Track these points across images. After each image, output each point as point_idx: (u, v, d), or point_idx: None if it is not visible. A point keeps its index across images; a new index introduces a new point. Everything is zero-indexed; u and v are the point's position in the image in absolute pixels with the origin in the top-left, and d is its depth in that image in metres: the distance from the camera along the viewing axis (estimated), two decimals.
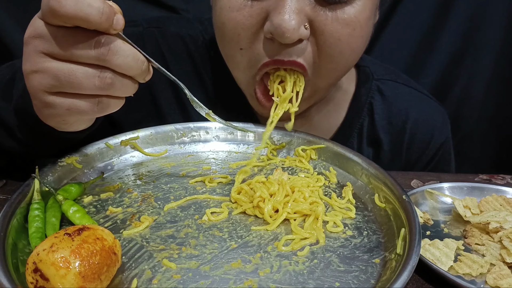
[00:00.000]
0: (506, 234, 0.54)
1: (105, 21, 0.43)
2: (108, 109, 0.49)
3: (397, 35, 1.22)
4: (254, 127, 0.73)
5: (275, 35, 0.59)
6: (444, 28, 1.21)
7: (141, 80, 0.50)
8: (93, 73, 0.46)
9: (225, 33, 0.64)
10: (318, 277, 0.47)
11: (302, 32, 0.60)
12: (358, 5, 0.61)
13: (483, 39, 1.21)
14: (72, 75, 0.45)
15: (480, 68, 1.25)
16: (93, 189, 0.60)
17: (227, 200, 0.60)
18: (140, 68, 0.48)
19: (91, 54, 0.45)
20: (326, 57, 0.63)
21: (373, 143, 0.87)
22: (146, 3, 1.18)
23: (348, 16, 0.60)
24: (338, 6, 0.60)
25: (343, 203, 0.60)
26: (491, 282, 0.49)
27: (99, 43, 0.45)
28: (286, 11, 0.57)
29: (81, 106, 0.47)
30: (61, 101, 0.47)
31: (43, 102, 0.48)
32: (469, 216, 0.60)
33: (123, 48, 0.46)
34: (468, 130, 1.31)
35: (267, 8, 0.60)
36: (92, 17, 0.43)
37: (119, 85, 0.47)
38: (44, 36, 0.45)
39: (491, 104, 1.29)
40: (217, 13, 0.65)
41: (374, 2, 0.64)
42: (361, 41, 0.65)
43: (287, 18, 0.57)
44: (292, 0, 0.58)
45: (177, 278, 0.46)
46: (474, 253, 0.54)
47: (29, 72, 0.47)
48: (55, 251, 0.39)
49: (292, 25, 0.57)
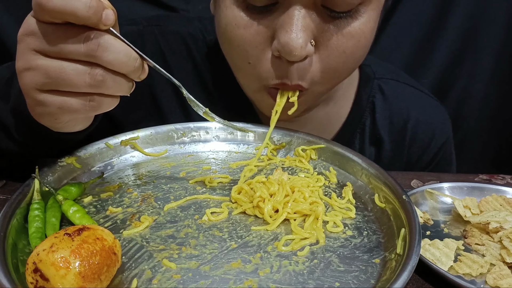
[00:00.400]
0: (506, 234, 0.54)
1: (92, 15, 0.43)
2: (101, 108, 0.49)
3: (397, 35, 1.22)
4: (254, 127, 0.73)
5: (282, 54, 0.59)
6: (444, 28, 1.21)
7: (136, 78, 0.49)
8: (83, 70, 0.45)
9: (232, 48, 0.64)
10: (318, 277, 0.47)
11: (309, 49, 0.60)
12: (364, 18, 0.61)
13: (483, 39, 1.21)
14: (63, 72, 0.45)
15: (480, 68, 1.25)
16: (93, 189, 0.60)
17: (227, 200, 0.60)
18: (133, 65, 0.47)
19: (80, 50, 0.44)
20: (330, 69, 0.63)
21: (375, 143, 0.87)
22: (146, 3, 1.18)
23: (353, 29, 0.60)
24: (343, 21, 0.60)
25: (343, 203, 0.60)
26: (491, 282, 0.49)
27: (89, 38, 0.44)
28: (293, 29, 0.57)
29: (73, 104, 0.47)
30: (52, 99, 0.47)
31: (35, 100, 0.47)
32: (469, 216, 0.60)
33: (114, 44, 0.45)
34: (468, 130, 1.31)
35: (273, 26, 0.60)
36: (79, 11, 0.42)
37: (111, 82, 0.46)
38: (36, 34, 0.45)
39: (491, 104, 1.29)
40: (222, 29, 0.64)
41: (378, 12, 0.64)
42: (365, 49, 0.65)
43: (294, 36, 0.57)
44: (298, 18, 0.57)
45: (177, 278, 0.46)
46: (474, 253, 0.54)
47: (21, 70, 0.47)
48: (55, 251, 0.39)
49: (299, 44, 0.57)
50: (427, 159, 0.89)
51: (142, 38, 0.81)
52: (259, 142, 0.74)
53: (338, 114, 0.85)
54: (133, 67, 0.47)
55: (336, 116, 0.85)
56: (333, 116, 0.85)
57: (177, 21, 0.86)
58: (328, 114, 0.84)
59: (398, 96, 0.86)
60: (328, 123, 0.85)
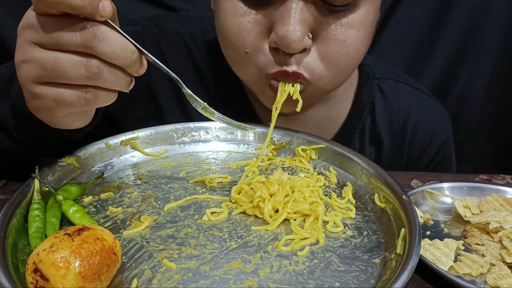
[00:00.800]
0: (506, 234, 0.54)
1: (87, 5, 0.43)
2: (97, 102, 0.48)
3: (397, 35, 1.22)
4: (253, 126, 0.73)
5: (280, 46, 0.60)
6: (444, 28, 1.21)
7: (133, 72, 0.48)
8: (79, 61, 0.45)
9: (229, 38, 0.64)
10: (318, 277, 0.47)
11: (307, 42, 0.60)
12: (362, 10, 0.61)
13: (483, 39, 1.21)
14: (58, 63, 0.44)
15: (480, 68, 1.25)
16: (93, 189, 0.60)
17: (227, 200, 0.60)
18: (130, 58, 0.46)
19: (76, 41, 0.44)
20: (331, 60, 0.63)
21: (375, 142, 0.87)
22: (146, 3, 1.18)
23: (352, 20, 0.61)
24: (341, 14, 0.60)
25: (343, 203, 0.60)
26: (491, 282, 0.49)
27: (85, 28, 0.44)
28: (291, 22, 0.58)
29: (68, 97, 0.46)
30: (48, 92, 0.46)
31: (32, 93, 0.47)
32: (469, 216, 0.60)
33: (110, 36, 0.45)
34: (468, 130, 1.31)
35: (271, 18, 0.60)
36: (74, 1, 0.42)
37: (108, 75, 0.46)
38: (34, 26, 0.45)
39: (491, 104, 1.29)
40: (220, 18, 0.65)
41: (376, 6, 0.64)
42: (366, 41, 0.65)
43: (292, 29, 0.57)
44: (296, 11, 0.58)
45: (177, 278, 0.46)
46: (474, 253, 0.54)
47: (19, 63, 0.47)
48: (55, 251, 0.39)
49: (297, 36, 0.58)
50: (427, 158, 0.89)
51: (142, 38, 0.81)
52: (259, 142, 0.74)
53: (338, 114, 0.85)
54: (130, 60, 0.46)
55: (336, 116, 0.85)
56: (333, 116, 0.85)
57: (177, 21, 0.87)
58: (328, 114, 0.84)
59: (397, 96, 0.86)
60: (328, 122, 0.85)
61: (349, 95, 0.86)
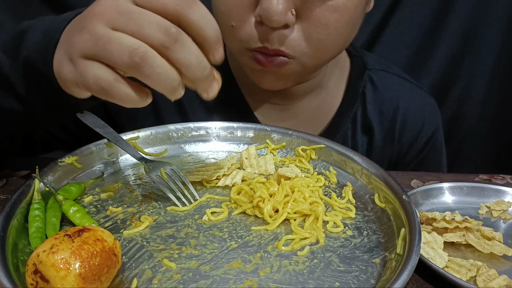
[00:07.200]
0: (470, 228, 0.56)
1: None
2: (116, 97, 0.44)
3: (397, 35, 1.21)
4: (253, 125, 0.73)
5: (263, 18, 0.62)
6: (444, 28, 1.21)
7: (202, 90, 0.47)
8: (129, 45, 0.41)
9: (217, 9, 0.68)
10: (318, 277, 0.47)
11: (289, 17, 0.63)
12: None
13: (483, 39, 1.21)
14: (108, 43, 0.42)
15: (480, 68, 1.24)
16: (93, 189, 0.60)
17: (227, 200, 0.60)
18: (201, 72, 0.44)
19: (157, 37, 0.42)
20: (314, 40, 0.66)
21: (366, 131, 0.89)
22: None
23: (336, 2, 0.63)
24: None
25: (343, 203, 0.60)
26: (481, 284, 0.49)
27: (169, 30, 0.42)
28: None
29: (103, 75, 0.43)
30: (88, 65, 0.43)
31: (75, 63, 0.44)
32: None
33: (191, 45, 0.44)
34: (468, 130, 1.31)
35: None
36: None
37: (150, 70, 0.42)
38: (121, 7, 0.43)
39: (491, 104, 1.28)
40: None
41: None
42: (349, 26, 0.67)
43: (275, 2, 0.60)
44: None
45: (177, 278, 0.46)
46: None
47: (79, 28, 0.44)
48: (55, 253, 0.39)
49: (279, 9, 0.60)
50: (418, 147, 0.91)
51: None
52: (259, 142, 0.74)
53: (330, 104, 0.87)
54: (200, 74, 0.45)
55: (328, 106, 0.87)
56: (325, 106, 0.87)
57: None
58: (321, 104, 0.86)
59: (388, 87, 0.88)
60: (320, 113, 0.87)
61: (341, 86, 0.88)
